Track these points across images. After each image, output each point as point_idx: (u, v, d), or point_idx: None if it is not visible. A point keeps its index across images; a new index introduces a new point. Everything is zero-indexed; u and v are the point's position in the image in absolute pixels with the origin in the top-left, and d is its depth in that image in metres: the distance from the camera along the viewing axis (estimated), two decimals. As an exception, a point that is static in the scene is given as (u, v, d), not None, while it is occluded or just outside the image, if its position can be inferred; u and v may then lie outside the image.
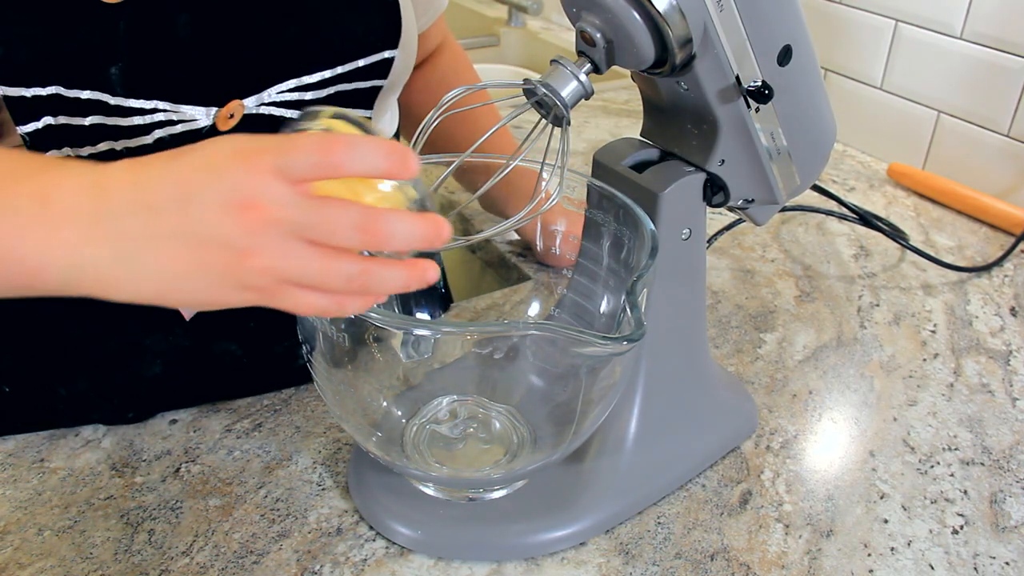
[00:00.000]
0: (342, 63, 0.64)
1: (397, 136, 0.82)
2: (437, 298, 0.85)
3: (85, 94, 0.57)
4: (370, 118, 0.66)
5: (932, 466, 0.68)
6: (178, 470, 0.64)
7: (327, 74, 0.63)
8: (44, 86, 0.56)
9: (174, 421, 0.68)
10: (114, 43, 0.56)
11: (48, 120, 0.56)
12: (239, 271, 0.39)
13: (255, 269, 0.39)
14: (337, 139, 0.40)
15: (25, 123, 0.56)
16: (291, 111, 0.63)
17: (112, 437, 0.66)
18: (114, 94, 0.57)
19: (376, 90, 0.67)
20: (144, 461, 0.64)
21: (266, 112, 0.62)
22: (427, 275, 0.42)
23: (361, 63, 0.65)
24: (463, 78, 0.91)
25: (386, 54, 0.66)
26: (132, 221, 0.39)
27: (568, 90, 0.52)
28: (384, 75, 0.67)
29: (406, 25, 0.67)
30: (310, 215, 0.39)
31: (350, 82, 0.65)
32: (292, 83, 0.62)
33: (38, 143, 0.57)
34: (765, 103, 0.54)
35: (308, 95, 0.63)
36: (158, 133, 0.59)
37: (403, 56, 0.68)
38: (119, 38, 0.56)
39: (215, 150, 0.40)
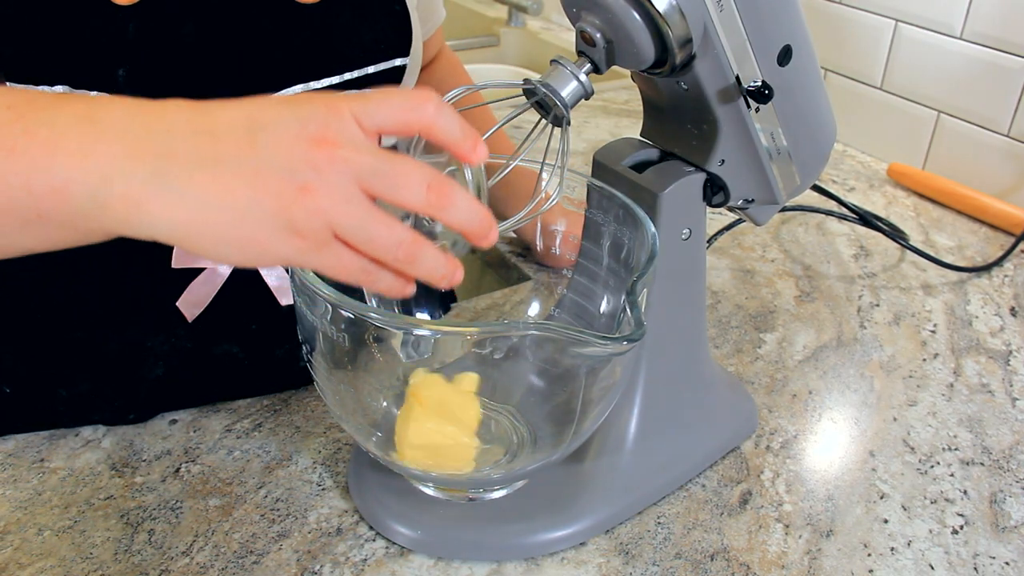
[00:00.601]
0: (351, 70, 0.64)
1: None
2: (437, 298, 0.85)
3: (92, 95, 0.57)
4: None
5: (932, 466, 0.68)
6: (178, 470, 0.64)
7: (335, 80, 0.63)
8: (52, 84, 0.56)
9: (174, 421, 0.68)
10: (123, 45, 0.57)
11: None
12: (292, 208, 0.36)
13: (310, 208, 0.36)
14: (429, 96, 0.38)
15: None
16: None
17: (112, 437, 0.66)
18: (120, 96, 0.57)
19: None
20: (144, 461, 0.64)
21: None
22: (457, 276, 0.41)
23: (371, 70, 0.65)
24: (460, 82, 0.92)
25: (397, 62, 0.66)
26: (186, 143, 0.36)
27: (568, 90, 0.52)
28: (396, 82, 0.67)
29: (414, 33, 0.67)
30: (382, 162, 0.37)
31: (359, 89, 0.65)
32: (299, 88, 0.62)
33: None
34: (765, 103, 0.54)
35: None
36: None
37: (411, 64, 0.68)
38: (128, 40, 0.57)
39: (289, 95, 0.38)
